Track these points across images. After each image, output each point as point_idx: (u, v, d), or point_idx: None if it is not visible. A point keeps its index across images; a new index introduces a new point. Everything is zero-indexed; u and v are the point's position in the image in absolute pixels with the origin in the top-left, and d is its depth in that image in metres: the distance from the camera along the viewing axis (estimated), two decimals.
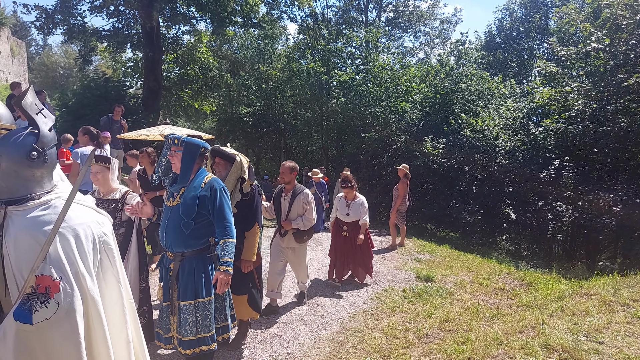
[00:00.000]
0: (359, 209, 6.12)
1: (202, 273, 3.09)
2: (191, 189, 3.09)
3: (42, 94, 11.05)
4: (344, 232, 6.18)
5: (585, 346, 3.28)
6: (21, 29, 39.59)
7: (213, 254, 3.18)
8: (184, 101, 20.01)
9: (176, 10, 15.16)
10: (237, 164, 3.81)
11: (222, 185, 3.16)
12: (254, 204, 3.88)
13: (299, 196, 4.86)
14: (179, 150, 3.08)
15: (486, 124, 13.47)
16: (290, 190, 4.91)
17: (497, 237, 13.83)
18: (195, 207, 3.04)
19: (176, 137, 3.10)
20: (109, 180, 3.60)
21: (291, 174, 4.85)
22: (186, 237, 3.06)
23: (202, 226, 3.11)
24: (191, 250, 3.10)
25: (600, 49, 11.36)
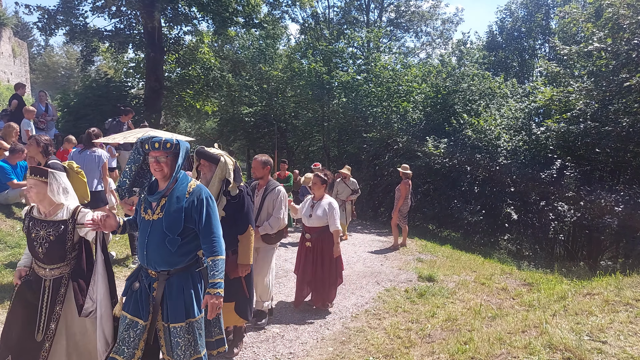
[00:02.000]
0: (325, 212, 5.02)
1: (192, 290, 2.76)
2: (174, 200, 2.71)
3: (44, 94, 11.10)
4: (307, 242, 5.12)
5: (588, 346, 3.28)
6: (23, 29, 39.63)
7: (202, 268, 2.86)
8: (186, 101, 20.03)
9: (178, 10, 15.18)
10: (222, 165, 3.60)
11: (208, 193, 2.83)
12: (244, 206, 3.69)
13: (270, 193, 4.47)
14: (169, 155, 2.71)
15: (488, 124, 13.46)
16: (263, 186, 4.54)
17: (498, 237, 13.82)
18: (181, 221, 2.68)
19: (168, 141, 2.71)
20: (48, 196, 2.97)
21: (264, 169, 4.50)
22: (172, 254, 2.70)
23: (190, 240, 2.77)
24: (178, 268, 2.75)
25: (602, 49, 11.35)
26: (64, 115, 14.96)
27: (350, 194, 9.60)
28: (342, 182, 9.68)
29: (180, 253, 2.72)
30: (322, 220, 5.03)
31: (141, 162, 2.90)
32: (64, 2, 14.15)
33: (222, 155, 3.66)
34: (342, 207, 9.04)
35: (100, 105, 14.21)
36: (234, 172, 3.67)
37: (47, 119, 10.35)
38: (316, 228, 5.07)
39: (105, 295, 3.04)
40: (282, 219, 4.44)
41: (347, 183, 9.62)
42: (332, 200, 5.16)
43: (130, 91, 17.91)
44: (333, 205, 5.08)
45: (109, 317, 3.02)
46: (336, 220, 5.03)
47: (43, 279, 2.98)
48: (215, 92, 20.72)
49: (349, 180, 9.65)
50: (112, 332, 3.01)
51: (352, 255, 8.29)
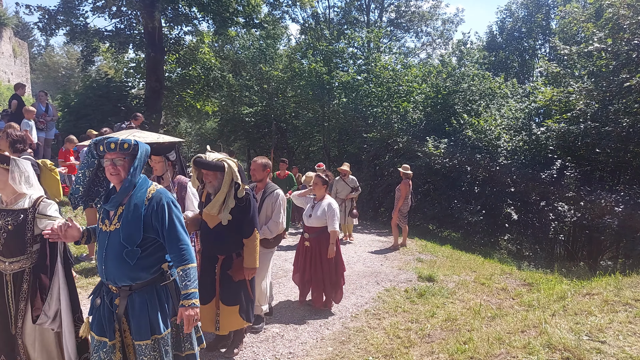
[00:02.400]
0: (324, 212, 5.04)
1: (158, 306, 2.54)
2: (132, 208, 2.47)
3: (44, 94, 11.11)
4: (306, 242, 5.17)
5: (587, 346, 3.29)
6: (23, 29, 39.67)
7: (169, 281, 2.61)
8: (186, 101, 20.02)
9: (178, 10, 15.19)
10: (228, 170, 3.53)
11: (170, 198, 2.58)
12: (250, 209, 3.64)
13: (269, 196, 4.40)
14: (127, 157, 2.48)
15: (488, 124, 13.46)
16: (262, 189, 4.47)
17: (499, 238, 13.82)
18: (140, 230, 2.45)
19: (125, 141, 2.46)
20: (10, 185, 2.85)
21: (264, 171, 4.45)
22: (132, 268, 2.47)
23: (152, 252, 2.54)
24: (140, 283, 2.52)
25: (603, 49, 11.36)
26: (64, 115, 14.98)
27: (349, 192, 9.34)
28: (341, 180, 9.42)
29: (141, 266, 2.50)
30: (321, 220, 5.04)
31: (96, 166, 2.59)
32: (64, 2, 14.16)
33: (223, 160, 3.56)
34: (341, 207, 8.84)
35: (100, 106, 14.24)
36: (240, 173, 3.62)
37: (47, 119, 10.36)
38: (315, 228, 5.08)
39: (66, 312, 2.89)
40: (281, 223, 4.37)
41: (346, 181, 9.37)
42: (332, 201, 5.17)
43: (130, 91, 17.93)
44: (332, 205, 5.08)
45: (70, 333, 2.89)
46: (335, 221, 5.01)
47: (3, 274, 2.87)
48: (215, 92, 20.72)
49: (348, 178, 9.40)
50: (75, 349, 2.90)
51: (352, 255, 8.30)
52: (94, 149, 2.52)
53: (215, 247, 3.71)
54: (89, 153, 2.55)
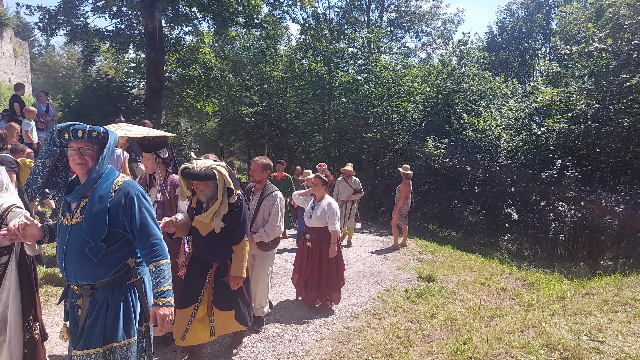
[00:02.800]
0: (324, 212, 5.05)
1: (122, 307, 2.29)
2: (97, 200, 2.26)
3: (46, 94, 11.11)
4: (307, 242, 5.19)
5: (586, 345, 3.29)
6: (24, 29, 39.72)
7: (136, 280, 2.36)
8: (186, 101, 20.04)
9: (178, 10, 15.20)
10: (219, 177, 3.38)
11: (139, 190, 2.39)
12: (241, 215, 3.53)
13: (267, 198, 4.26)
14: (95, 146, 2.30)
15: (488, 124, 13.47)
16: (260, 190, 4.34)
17: (499, 238, 13.82)
18: (104, 224, 2.24)
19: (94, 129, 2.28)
20: None
21: (263, 172, 4.31)
22: (95, 265, 2.25)
23: (118, 248, 2.33)
24: (104, 281, 2.30)
25: (603, 49, 11.35)
26: (65, 115, 14.97)
27: (352, 193, 9.00)
28: (344, 181, 9.10)
29: (105, 263, 2.27)
30: (321, 220, 5.05)
31: (57, 155, 2.36)
32: (64, 3, 14.18)
33: (212, 167, 3.38)
34: (342, 208, 8.68)
35: (101, 106, 14.24)
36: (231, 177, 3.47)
37: (48, 120, 10.37)
38: (316, 228, 5.10)
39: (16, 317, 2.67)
40: (278, 226, 4.26)
41: (349, 182, 9.05)
42: (332, 201, 5.17)
43: (131, 91, 17.93)
44: (332, 205, 5.08)
45: (17, 340, 2.67)
46: (335, 221, 5.01)
47: None
48: (215, 93, 20.73)
49: (351, 179, 9.08)
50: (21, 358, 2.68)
51: (352, 255, 8.30)
52: (57, 137, 2.31)
53: (208, 254, 3.59)
54: (51, 141, 2.34)
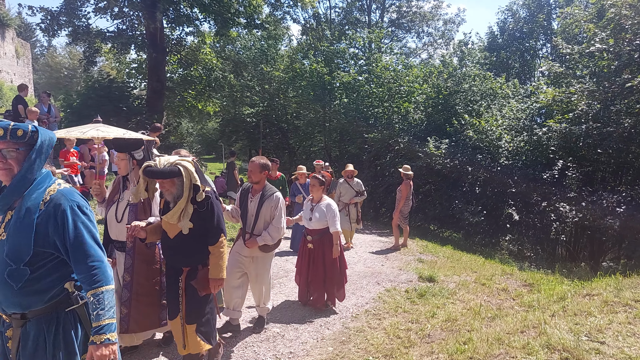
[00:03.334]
0: (324, 214, 5.03)
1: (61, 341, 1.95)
2: (23, 213, 1.90)
3: (48, 95, 11.16)
4: (309, 244, 5.16)
5: (586, 346, 3.30)
6: (26, 30, 39.81)
7: (77, 306, 2.01)
8: (188, 102, 20.09)
9: (180, 11, 15.22)
10: (185, 173, 3.11)
11: (76, 200, 2.00)
12: (214, 213, 3.26)
13: (268, 199, 4.13)
14: (22, 148, 1.93)
15: (489, 125, 13.46)
16: (259, 191, 4.19)
17: (500, 238, 13.80)
18: (29, 243, 1.86)
19: (19, 127, 1.92)
20: None
21: (261, 173, 4.17)
22: (17, 293, 1.88)
23: (48, 272, 1.94)
24: (35, 310, 1.94)
25: (604, 50, 11.34)
26: (66, 115, 15.03)
27: (354, 195, 8.67)
28: (346, 182, 8.76)
29: (32, 290, 1.90)
30: (321, 222, 5.04)
31: None
32: (66, 3, 14.23)
33: (177, 163, 3.12)
34: (343, 211, 8.38)
35: (102, 106, 14.29)
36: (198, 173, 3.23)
37: (50, 120, 10.40)
38: (317, 230, 5.10)
39: None
40: (283, 228, 4.21)
41: (351, 184, 8.71)
42: (331, 202, 5.16)
43: (132, 92, 18.01)
44: (332, 206, 5.08)
45: None
46: (336, 222, 5.00)
47: None
48: (217, 93, 20.78)
49: (353, 180, 8.74)
50: None
51: (353, 255, 8.30)
52: None
53: (177, 258, 3.35)
54: None
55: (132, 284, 3.57)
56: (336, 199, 8.55)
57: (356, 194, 8.71)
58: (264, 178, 4.24)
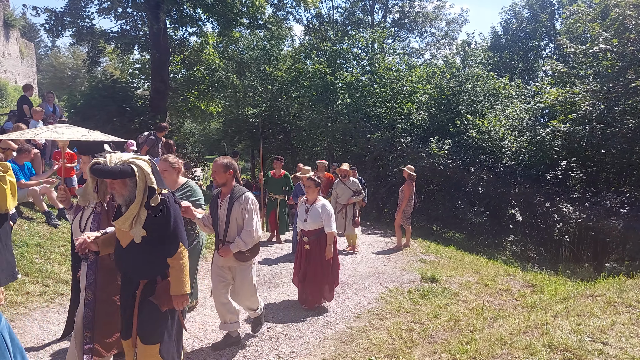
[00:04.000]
0: (319, 215, 5.06)
1: None
2: None
3: (52, 95, 11.21)
4: (305, 245, 5.22)
5: (589, 347, 3.29)
6: (30, 30, 40.02)
7: None
8: (191, 102, 20.12)
9: (183, 12, 15.24)
10: (140, 174, 2.76)
11: None
12: (170, 220, 2.88)
13: (237, 202, 3.81)
14: None
15: (492, 125, 13.44)
16: (227, 194, 3.88)
17: (503, 239, 13.78)
18: None
19: None
20: None
21: (226, 173, 3.83)
22: None
23: None
24: None
25: (608, 50, 11.32)
26: (70, 115, 15.06)
27: (351, 195, 8.43)
28: (341, 182, 8.53)
29: None
30: (316, 222, 5.10)
31: None
32: (70, 4, 14.27)
33: (130, 162, 2.80)
34: (342, 213, 8.28)
35: (106, 106, 14.30)
36: (154, 175, 2.88)
37: (56, 119, 10.46)
38: (313, 231, 5.14)
39: None
40: (255, 230, 3.82)
41: (347, 184, 8.46)
42: (326, 202, 5.20)
43: (135, 92, 18.01)
44: (327, 207, 5.12)
45: None
46: (331, 222, 5.04)
47: None
48: (220, 93, 20.80)
49: (348, 180, 8.49)
50: None
51: (356, 255, 8.30)
52: None
53: (130, 270, 2.98)
54: None
55: (95, 302, 3.15)
56: (333, 201, 8.37)
57: (353, 193, 8.47)
58: (231, 179, 3.89)
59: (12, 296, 4.82)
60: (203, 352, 4.04)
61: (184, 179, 4.39)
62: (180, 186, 4.30)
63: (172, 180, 4.27)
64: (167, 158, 4.34)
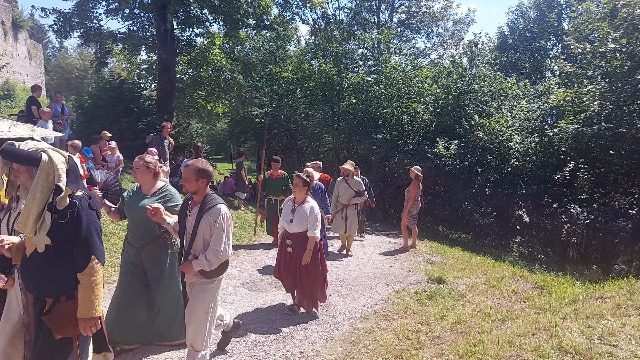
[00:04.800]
0: (306, 217, 4.74)
1: None
2: None
3: (60, 95, 11.31)
4: (289, 248, 4.88)
5: (598, 349, 3.26)
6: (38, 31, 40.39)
7: None
8: (197, 103, 20.22)
9: (190, 12, 15.31)
10: (44, 165, 2.37)
11: None
12: (81, 227, 2.42)
13: (207, 214, 3.26)
14: None
15: (499, 126, 13.36)
16: (198, 203, 3.35)
17: (510, 240, 13.70)
18: None
19: None
20: None
21: (198, 181, 3.29)
22: None
23: None
24: None
25: (617, 50, 11.22)
26: (78, 116, 15.18)
27: (353, 196, 8.15)
28: (344, 181, 8.23)
29: None
30: (302, 225, 4.77)
31: None
32: (78, 5, 14.38)
33: (43, 150, 2.43)
34: (341, 213, 8.07)
35: (113, 107, 14.40)
36: (69, 174, 2.48)
37: (64, 118, 10.55)
38: (298, 234, 4.83)
39: None
40: (223, 250, 3.26)
41: (350, 183, 8.18)
42: (314, 204, 4.87)
43: (142, 93, 18.12)
44: (315, 210, 4.80)
45: None
46: (316, 226, 4.73)
47: None
48: (226, 94, 20.88)
49: (352, 179, 8.19)
50: None
51: (362, 256, 8.30)
52: None
53: (34, 285, 2.49)
54: None
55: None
56: (334, 200, 8.25)
57: (355, 194, 8.18)
58: (203, 187, 3.35)
59: None
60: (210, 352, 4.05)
61: (162, 182, 3.96)
62: (158, 190, 3.89)
63: (146, 182, 3.86)
64: (143, 156, 3.86)
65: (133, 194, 3.92)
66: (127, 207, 3.88)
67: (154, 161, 3.88)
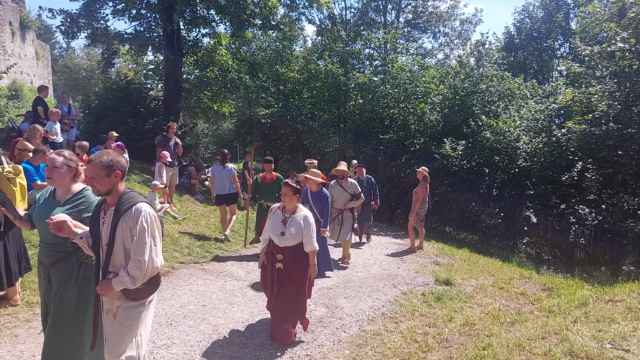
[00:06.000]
0: (300, 229, 4.18)
1: None
2: None
3: (66, 96, 11.38)
4: (278, 263, 4.24)
5: (610, 354, 3.22)
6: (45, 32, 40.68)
7: None
8: (204, 103, 20.27)
9: (196, 13, 15.36)
10: None
11: None
12: None
13: (124, 216, 2.60)
14: None
15: (507, 126, 13.27)
16: (112, 205, 2.67)
17: (517, 241, 13.61)
18: None
19: None
20: None
21: (109, 177, 2.62)
22: None
23: None
24: None
25: (626, 49, 11.10)
26: (85, 116, 15.26)
27: (348, 200, 7.52)
28: (337, 184, 7.58)
29: None
30: (297, 238, 4.20)
31: None
32: (86, 6, 14.47)
33: None
34: (337, 220, 7.52)
35: (120, 107, 14.46)
36: None
37: (71, 118, 10.62)
38: (290, 248, 4.23)
39: None
40: (149, 260, 2.59)
41: (344, 186, 7.53)
42: (308, 214, 4.29)
43: (149, 93, 18.20)
44: (309, 219, 4.23)
45: None
46: (314, 239, 4.22)
47: None
48: (232, 94, 20.92)
49: (346, 181, 7.55)
50: None
51: (369, 257, 8.27)
52: None
53: None
54: None
55: None
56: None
57: (351, 197, 7.58)
58: (116, 184, 2.67)
59: (29, 296, 4.88)
60: (216, 354, 4.05)
61: (81, 186, 3.14)
62: (73, 195, 3.07)
63: (62, 183, 3.04)
64: (61, 151, 3.13)
65: (44, 202, 3.06)
66: (36, 218, 3.05)
67: (75, 158, 3.14)
